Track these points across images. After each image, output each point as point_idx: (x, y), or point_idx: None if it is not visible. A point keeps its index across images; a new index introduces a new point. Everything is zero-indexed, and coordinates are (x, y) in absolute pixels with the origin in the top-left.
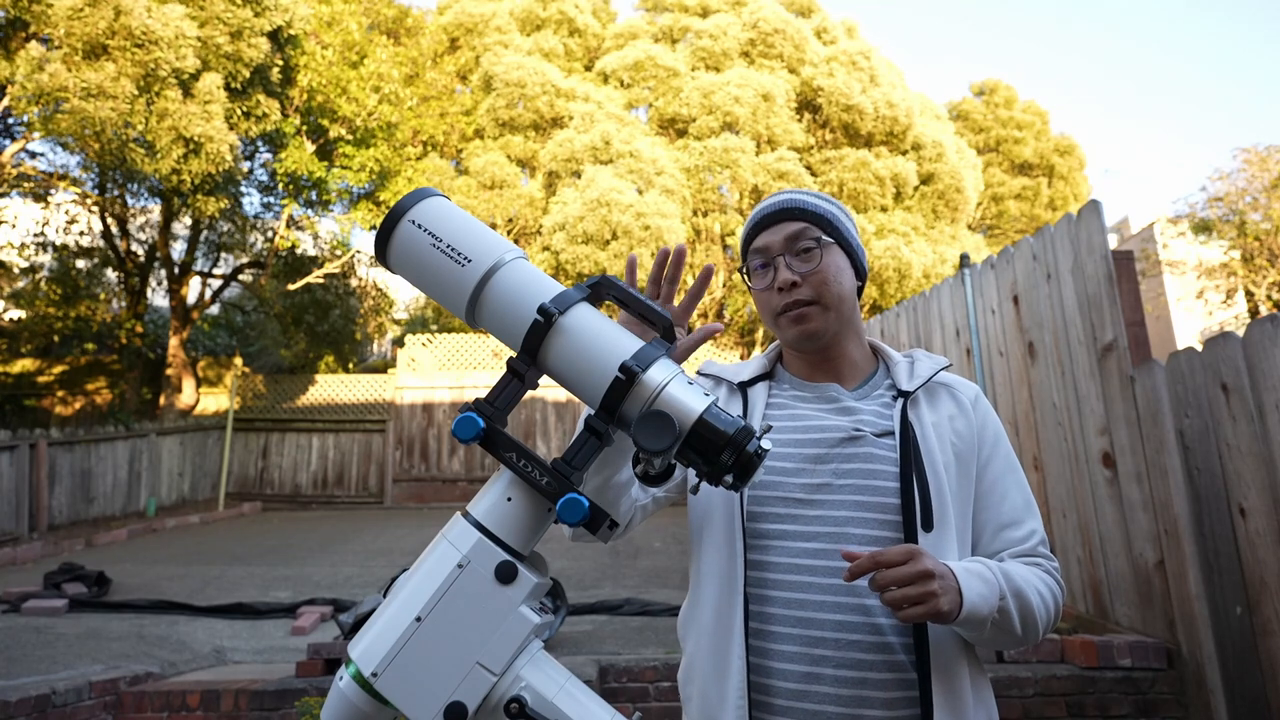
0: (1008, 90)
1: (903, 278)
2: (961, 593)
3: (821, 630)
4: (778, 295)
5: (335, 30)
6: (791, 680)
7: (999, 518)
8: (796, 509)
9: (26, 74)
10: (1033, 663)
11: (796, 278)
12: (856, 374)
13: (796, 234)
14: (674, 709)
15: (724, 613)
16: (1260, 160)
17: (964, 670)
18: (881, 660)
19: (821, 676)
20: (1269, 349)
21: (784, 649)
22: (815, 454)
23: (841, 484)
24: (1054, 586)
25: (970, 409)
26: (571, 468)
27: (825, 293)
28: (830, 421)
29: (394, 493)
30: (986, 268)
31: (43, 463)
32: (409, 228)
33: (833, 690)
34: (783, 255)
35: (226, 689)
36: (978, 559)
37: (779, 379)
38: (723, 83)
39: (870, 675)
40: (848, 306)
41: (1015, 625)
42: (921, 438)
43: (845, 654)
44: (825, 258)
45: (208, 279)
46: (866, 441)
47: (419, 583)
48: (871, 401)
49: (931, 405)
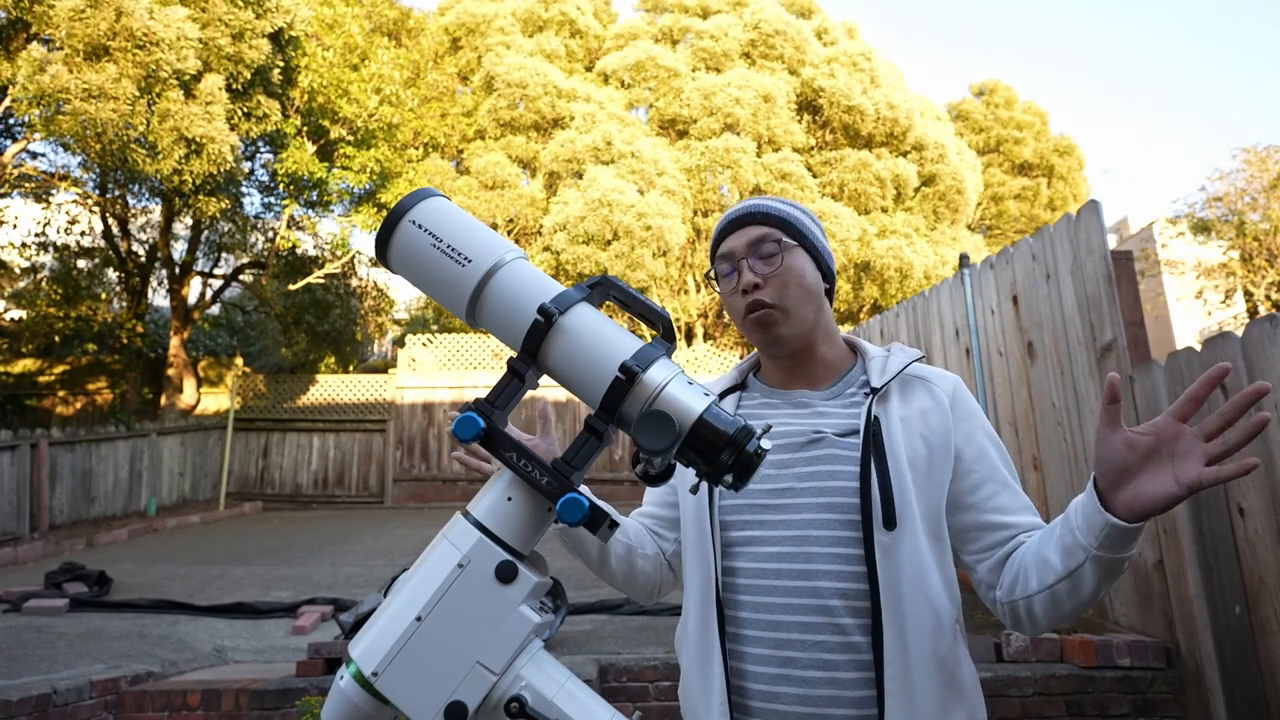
0: (1008, 91)
1: (904, 278)
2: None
3: (788, 632)
4: (741, 297)
5: (337, 32)
6: (763, 682)
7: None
8: (762, 514)
9: (28, 75)
10: (1032, 662)
11: (759, 279)
12: (830, 374)
13: (759, 238)
14: (674, 709)
15: (704, 622)
16: (1260, 160)
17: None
18: (848, 660)
19: (790, 678)
20: (1268, 349)
21: (754, 652)
22: (779, 459)
23: (804, 487)
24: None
25: (946, 402)
26: (571, 467)
27: (786, 295)
28: (794, 425)
29: (394, 492)
30: (986, 268)
31: (44, 462)
32: (409, 228)
33: (801, 691)
34: (745, 259)
35: (227, 688)
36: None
37: (750, 389)
38: (724, 84)
39: (838, 675)
40: (812, 308)
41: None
42: (887, 433)
43: (812, 655)
44: (787, 260)
45: (208, 279)
46: (828, 443)
47: (419, 582)
48: (841, 401)
49: (904, 399)
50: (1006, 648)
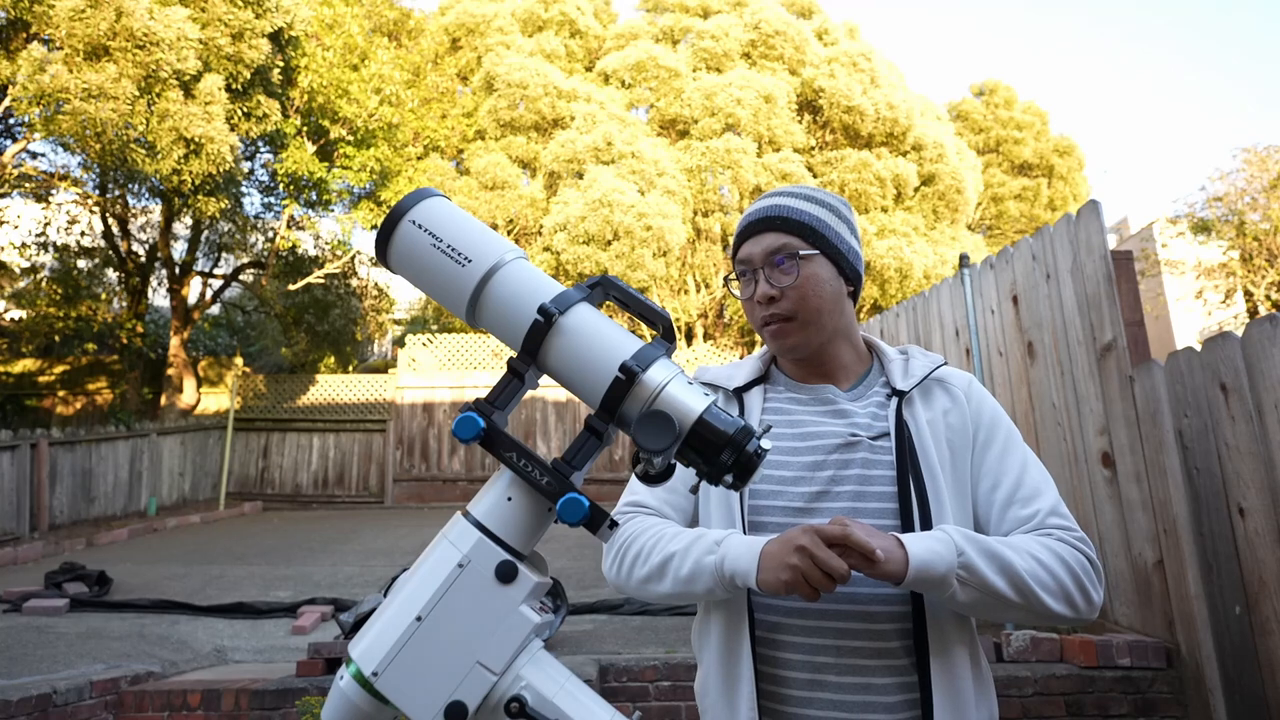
0: (1007, 91)
1: (904, 278)
2: (904, 547)
3: (823, 638)
4: (757, 307)
5: (336, 33)
6: (797, 688)
7: (1002, 497)
8: (796, 518)
9: (28, 75)
10: (1032, 662)
11: (775, 292)
12: (849, 375)
13: (776, 248)
14: (674, 708)
15: (732, 625)
16: (1260, 160)
17: (966, 671)
18: (883, 665)
19: (825, 683)
20: (1268, 349)
21: (789, 657)
22: (813, 461)
23: (839, 490)
24: (1069, 552)
25: (964, 399)
26: (572, 467)
27: (803, 307)
28: (827, 427)
29: (394, 492)
30: (986, 268)
31: (44, 462)
32: (409, 228)
33: (836, 696)
34: (762, 269)
35: (227, 688)
36: (940, 527)
37: (774, 381)
38: (724, 84)
39: (873, 680)
40: (830, 316)
41: (998, 587)
42: (917, 438)
43: (847, 660)
44: (805, 270)
45: (208, 279)
46: (862, 446)
47: (419, 582)
48: (866, 403)
49: (926, 403)
50: (1006, 648)
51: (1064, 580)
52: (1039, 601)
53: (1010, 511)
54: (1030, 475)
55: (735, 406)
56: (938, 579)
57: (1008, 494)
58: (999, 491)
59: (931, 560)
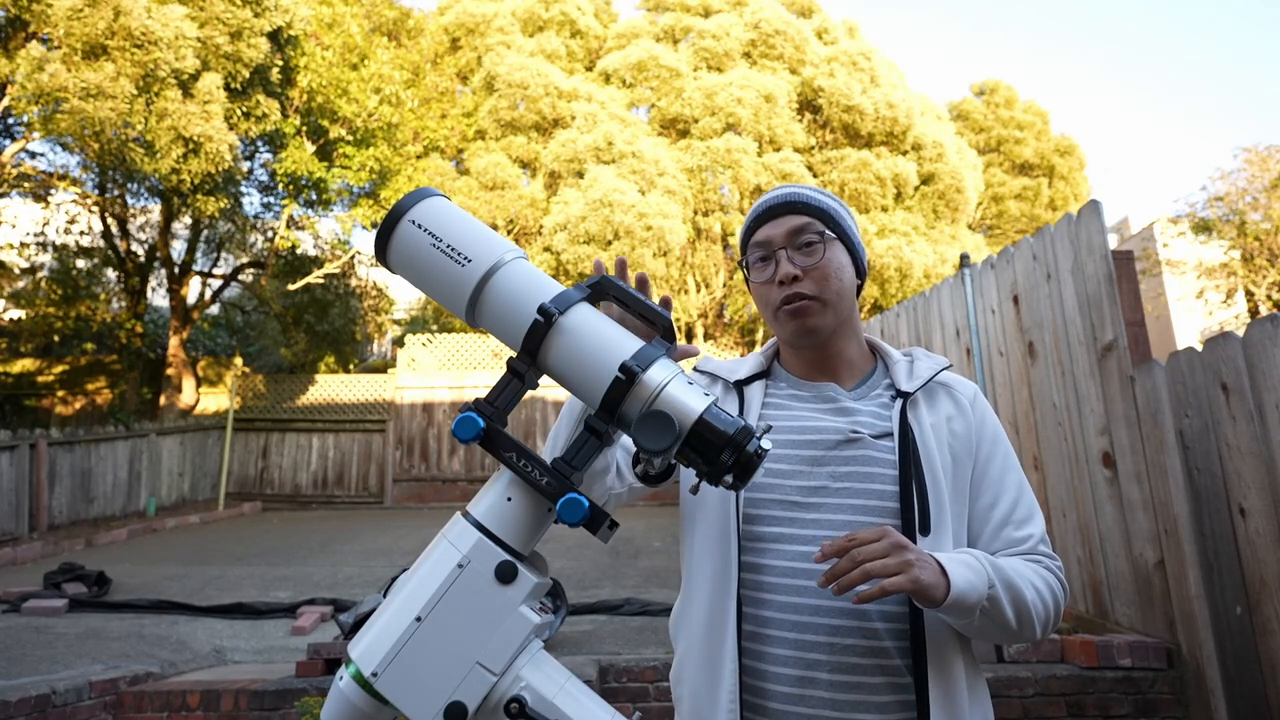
0: (1008, 90)
1: (904, 277)
2: (946, 574)
3: (816, 634)
4: (778, 289)
5: (336, 32)
6: (786, 684)
7: (999, 516)
8: (793, 512)
9: (26, 74)
10: (1033, 663)
11: (798, 271)
12: (854, 373)
13: (800, 228)
14: (673, 709)
15: (717, 615)
16: (1261, 160)
17: (960, 673)
18: (876, 665)
19: (816, 681)
20: (1269, 349)
21: (778, 653)
22: (812, 456)
23: (839, 487)
24: (1054, 584)
25: (969, 409)
26: (571, 467)
27: (826, 288)
28: (828, 423)
29: (394, 493)
30: (986, 268)
31: (43, 462)
32: (409, 228)
33: (827, 695)
34: (784, 249)
35: (226, 689)
36: (965, 550)
37: (775, 377)
38: (725, 83)
39: (865, 680)
40: (847, 304)
41: (1008, 617)
42: (920, 440)
43: (840, 658)
44: (828, 253)
45: (208, 279)
46: (864, 444)
47: (419, 582)
48: (870, 402)
49: (930, 406)
50: (1007, 648)
51: (1051, 612)
52: (1030, 631)
53: (1005, 531)
54: (1026, 498)
55: (735, 399)
56: (967, 608)
57: (1004, 514)
58: (997, 510)
59: (967, 591)
